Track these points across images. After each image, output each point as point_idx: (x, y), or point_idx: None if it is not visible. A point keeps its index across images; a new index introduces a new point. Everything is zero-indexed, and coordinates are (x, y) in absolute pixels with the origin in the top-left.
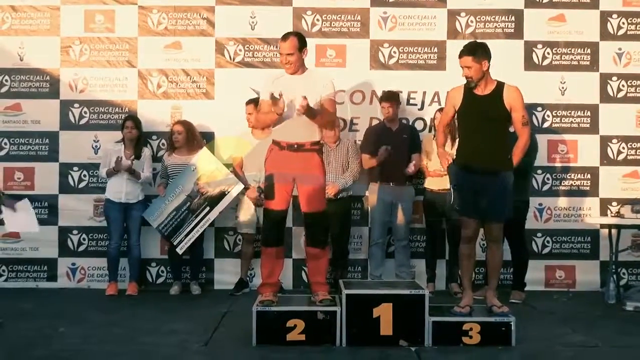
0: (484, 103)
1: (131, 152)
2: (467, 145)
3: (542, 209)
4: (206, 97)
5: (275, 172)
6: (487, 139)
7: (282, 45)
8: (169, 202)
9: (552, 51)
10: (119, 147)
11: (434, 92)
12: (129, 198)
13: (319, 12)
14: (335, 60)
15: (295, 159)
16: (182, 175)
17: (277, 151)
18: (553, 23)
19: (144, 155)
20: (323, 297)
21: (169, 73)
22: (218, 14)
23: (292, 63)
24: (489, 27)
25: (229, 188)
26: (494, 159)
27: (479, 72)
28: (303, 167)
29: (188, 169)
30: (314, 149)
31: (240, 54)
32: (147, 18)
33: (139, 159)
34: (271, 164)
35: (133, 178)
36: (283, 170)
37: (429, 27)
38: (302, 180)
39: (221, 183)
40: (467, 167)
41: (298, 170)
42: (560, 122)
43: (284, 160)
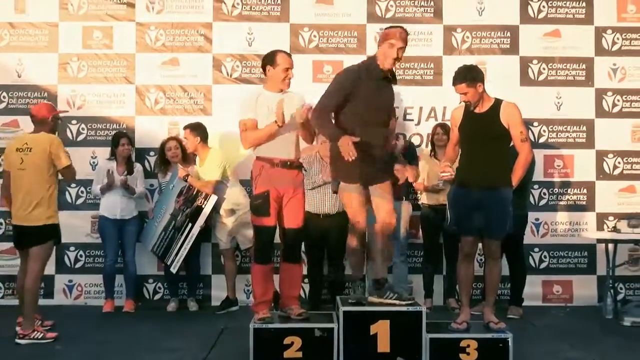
0: (482, 121)
1: (124, 168)
2: (467, 162)
3: (539, 223)
4: (203, 113)
5: (270, 189)
6: (486, 156)
7: (290, 60)
8: (158, 223)
9: (548, 66)
10: (112, 164)
11: (431, 108)
12: (123, 214)
13: (316, 29)
14: (332, 76)
15: (287, 176)
16: (164, 195)
17: (268, 169)
18: (548, 39)
19: (136, 170)
20: (299, 310)
21: (167, 89)
22: (215, 31)
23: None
24: (485, 42)
25: (204, 201)
26: (493, 175)
27: (476, 95)
28: (292, 183)
29: (167, 188)
30: (300, 165)
31: (237, 70)
32: (145, 35)
33: (132, 175)
34: (264, 182)
35: (127, 194)
36: (276, 186)
37: (425, 43)
38: (290, 197)
39: (196, 197)
40: (466, 183)
41: (288, 187)
42: (556, 137)
43: (277, 178)
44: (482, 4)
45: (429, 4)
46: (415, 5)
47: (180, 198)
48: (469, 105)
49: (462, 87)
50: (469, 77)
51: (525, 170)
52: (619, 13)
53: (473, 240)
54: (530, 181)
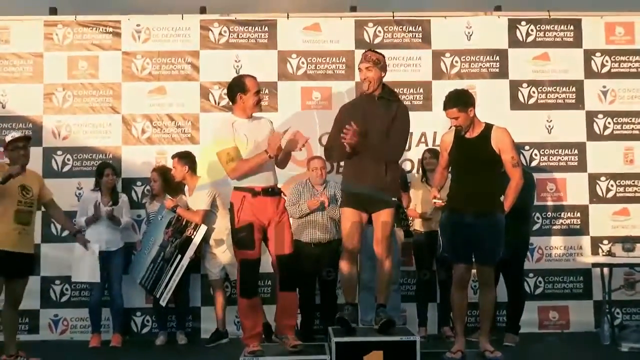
0: (472, 146)
1: (108, 198)
2: (458, 188)
3: (533, 248)
4: (191, 142)
5: (253, 220)
6: (477, 182)
7: (258, 83)
8: (147, 255)
9: (538, 90)
10: (96, 195)
11: (421, 133)
12: (109, 246)
13: (304, 55)
14: (321, 102)
15: (270, 204)
16: (153, 225)
17: (250, 198)
18: (538, 62)
19: (121, 201)
20: (295, 342)
21: (154, 118)
22: (202, 58)
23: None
24: (474, 67)
25: (193, 232)
26: (484, 200)
27: (467, 120)
28: (276, 210)
29: (156, 219)
30: (281, 191)
31: (225, 98)
32: (131, 63)
33: (117, 205)
34: (246, 213)
35: (113, 224)
36: (260, 216)
37: (414, 68)
38: (276, 224)
39: (185, 228)
40: (458, 209)
41: (272, 214)
42: (548, 161)
43: (260, 207)
44: (471, 28)
45: (417, 29)
46: (404, 31)
47: (169, 229)
48: (460, 130)
49: (453, 111)
50: (460, 101)
51: (517, 195)
52: (607, 36)
53: (466, 267)
54: (530, 206)
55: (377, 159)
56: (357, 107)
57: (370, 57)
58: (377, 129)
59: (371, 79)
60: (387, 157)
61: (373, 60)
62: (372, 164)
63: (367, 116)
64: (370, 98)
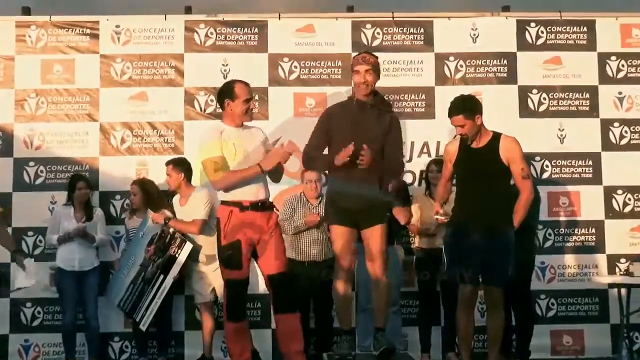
0: (479, 157)
1: (82, 214)
2: (463, 202)
3: (544, 267)
4: (174, 152)
5: (241, 237)
6: (484, 195)
7: (249, 90)
8: (126, 275)
9: (549, 96)
10: (68, 210)
11: (423, 143)
12: (82, 265)
13: (297, 59)
14: (316, 109)
15: (260, 219)
16: (132, 243)
17: (237, 213)
18: (548, 66)
19: (96, 216)
20: None
21: (134, 127)
22: (187, 62)
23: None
24: (480, 71)
25: (177, 250)
26: (492, 215)
27: (474, 128)
28: (267, 226)
29: (136, 236)
30: (272, 206)
31: (211, 105)
32: (110, 67)
33: (91, 221)
34: (234, 229)
35: (86, 242)
36: (249, 233)
37: (416, 73)
38: (267, 241)
39: (169, 246)
40: (463, 225)
41: (262, 230)
42: (560, 173)
43: (248, 222)
44: (476, 30)
45: (418, 31)
46: (404, 33)
47: (151, 247)
48: (466, 139)
49: (459, 119)
50: (466, 108)
51: (527, 210)
52: (624, 38)
53: (472, 288)
54: (535, 221)
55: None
56: (346, 114)
57: (370, 59)
58: (368, 140)
59: (370, 84)
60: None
61: (372, 64)
62: (362, 175)
63: (358, 125)
64: (362, 106)
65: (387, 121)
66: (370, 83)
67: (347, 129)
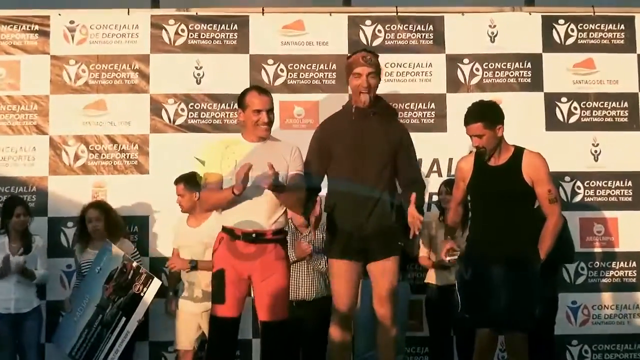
0: (498, 176)
1: (19, 244)
2: (480, 230)
3: (576, 308)
4: (138, 171)
5: (226, 267)
6: (505, 222)
7: (262, 99)
8: (79, 318)
9: (581, 105)
10: (3, 240)
11: (433, 160)
12: (20, 307)
13: (283, 61)
14: (305, 120)
15: (252, 252)
16: (87, 280)
17: (228, 242)
18: (580, 70)
19: (35, 246)
20: None
21: (90, 141)
22: (154, 65)
23: (272, 124)
24: (500, 76)
25: (142, 288)
26: (515, 247)
27: (494, 140)
28: (262, 262)
29: (92, 271)
30: (277, 239)
31: (182, 115)
32: (63, 71)
33: (29, 253)
34: (221, 258)
35: (25, 280)
36: (237, 265)
37: (424, 78)
38: (262, 279)
39: (132, 283)
40: (480, 257)
41: (256, 266)
42: (594, 196)
43: (237, 254)
44: (495, 27)
45: (427, 28)
46: (410, 30)
47: (110, 284)
48: (483, 154)
49: (477, 127)
50: (487, 115)
51: (555, 239)
52: None
53: (491, 333)
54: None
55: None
56: (345, 126)
57: (372, 59)
58: (376, 154)
59: (373, 89)
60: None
61: (375, 64)
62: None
63: (361, 139)
64: (364, 114)
65: (396, 131)
66: (374, 89)
67: (348, 145)
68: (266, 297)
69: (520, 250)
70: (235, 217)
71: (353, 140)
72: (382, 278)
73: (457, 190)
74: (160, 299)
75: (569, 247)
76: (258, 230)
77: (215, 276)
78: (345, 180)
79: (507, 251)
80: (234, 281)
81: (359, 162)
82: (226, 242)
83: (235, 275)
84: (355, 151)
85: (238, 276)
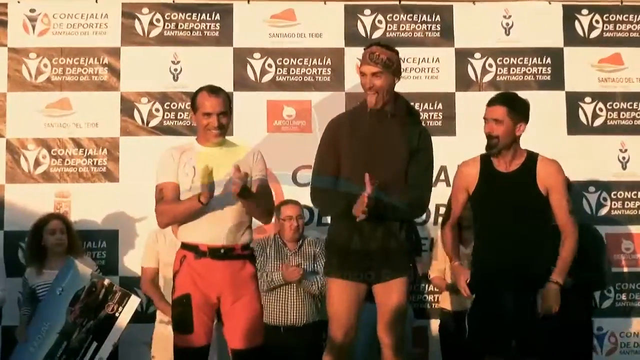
0: (510, 184)
1: None
2: (488, 248)
3: (602, 335)
4: (107, 179)
5: (192, 291)
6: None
7: (212, 101)
8: (37, 349)
9: (607, 106)
10: None
11: (440, 167)
12: None
13: (271, 55)
14: (297, 122)
15: (223, 271)
16: (46, 304)
17: (192, 260)
18: (606, 67)
19: None
20: None
21: (53, 144)
22: (125, 59)
23: (226, 128)
24: (516, 73)
25: (117, 307)
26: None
27: (510, 135)
28: (233, 282)
29: (51, 293)
30: (246, 255)
31: (157, 116)
32: (22, 65)
33: None
34: (185, 281)
35: None
36: (204, 287)
37: (430, 74)
38: (233, 301)
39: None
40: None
41: (227, 286)
42: (622, 208)
43: (205, 274)
44: (510, 18)
45: (434, 19)
46: (415, 21)
47: (76, 306)
48: (493, 146)
49: (499, 110)
50: (515, 106)
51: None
52: None
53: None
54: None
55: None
56: (358, 127)
57: (380, 56)
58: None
59: (380, 90)
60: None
61: (383, 62)
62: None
63: (374, 142)
64: (379, 115)
65: (415, 136)
66: (379, 89)
67: (359, 148)
68: (239, 321)
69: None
70: (197, 231)
71: (365, 143)
72: (389, 300)
73: (457, 204)
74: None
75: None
76: (227, 245)
77: (180, 303)
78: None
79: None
80: (202, 306)
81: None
82: (189, 261)
83: (203, 299)
84: (367, 156)
85: (206, 300)
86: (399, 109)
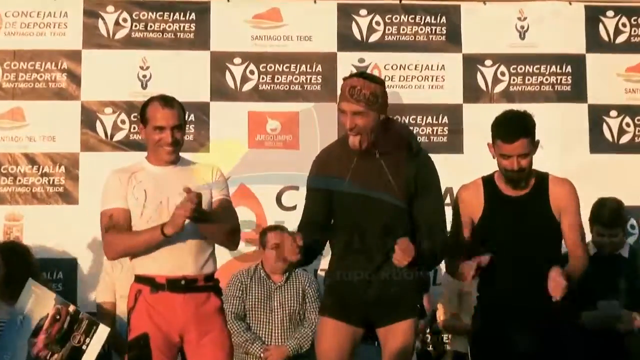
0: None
1: None
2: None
3: None
4: (65, 201)
5: (150, 330)
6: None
7: (165, 113)
8: None
9: (634, 121)
10: None
11: (445, 189)
12: None
13: (254, 60)
14: (281, 137)
15: (183, 305)
16: (5, 335)
17: (148, 295)
18: (634, 76)
19: None
20: None
21: (4, 161)
22: (87, 64)
23: (180, 144)
24: (532, 82)
25: (84, 339)
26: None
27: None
28: (196, 317)
29: (11, 325)
30: (210, 286)
31: (123, 128)
32: None
33: None
34: (141, 319)
35: None
36: (164, 325)
37: (434, 83)
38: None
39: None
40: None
41: (190, 323)
42: None
43: (163, 309)
44: (525, 20)
45: (439, 20)
46: (417, 23)
47: (38, 337)
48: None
49: (523, 144)
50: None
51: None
52: None
53: None
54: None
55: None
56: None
57: (362, 91)
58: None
59: (363, 130)
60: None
61: (366, 98)
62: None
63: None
64: (367, 156)
65: (411, 172)
66: (364, 130)
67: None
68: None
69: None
70: (154, 261)
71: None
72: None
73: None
74: None
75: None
76: (188, 276)
77: (136, 345)
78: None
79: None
80: (162, 347)
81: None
82: (145, 296)
83: (163, 338)
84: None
85: (166, 339)
86: (390, 144)
